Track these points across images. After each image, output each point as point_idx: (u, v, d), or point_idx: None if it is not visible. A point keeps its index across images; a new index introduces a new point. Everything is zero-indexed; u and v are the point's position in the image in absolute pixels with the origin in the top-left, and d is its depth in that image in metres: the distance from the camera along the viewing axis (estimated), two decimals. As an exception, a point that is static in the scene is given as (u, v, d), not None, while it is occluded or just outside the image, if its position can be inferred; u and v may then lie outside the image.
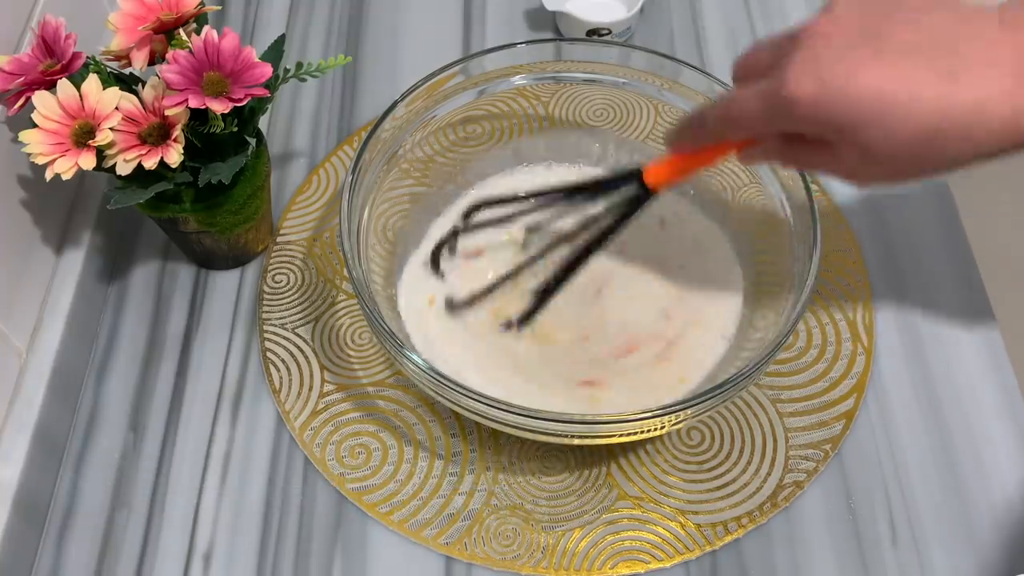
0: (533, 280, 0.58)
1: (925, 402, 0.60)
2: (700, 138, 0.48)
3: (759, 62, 0.44)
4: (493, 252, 0.62)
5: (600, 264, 0.60)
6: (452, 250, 0.61)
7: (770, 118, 0.42)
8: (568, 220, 0.56)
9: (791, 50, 0.41)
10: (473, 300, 0.59)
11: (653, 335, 0.59)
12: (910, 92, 0.39)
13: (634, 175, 0.51)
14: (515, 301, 0.59)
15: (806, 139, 0.43)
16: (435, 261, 0.61)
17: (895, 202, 0.69)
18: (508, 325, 0.58)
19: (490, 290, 0.59)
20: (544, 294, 0.54)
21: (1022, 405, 0.60)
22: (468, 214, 0.59)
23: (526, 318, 0.56)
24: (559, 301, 0.57)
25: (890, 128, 0.39)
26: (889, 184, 0.43)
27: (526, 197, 0.56)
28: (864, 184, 0.44)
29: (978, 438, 0.58)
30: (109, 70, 0.56)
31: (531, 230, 0.60)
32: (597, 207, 0.53)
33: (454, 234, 0.61)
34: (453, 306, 0.59)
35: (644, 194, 0.51)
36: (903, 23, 0.40)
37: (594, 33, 0.76)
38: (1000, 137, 0.39)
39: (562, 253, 0.54)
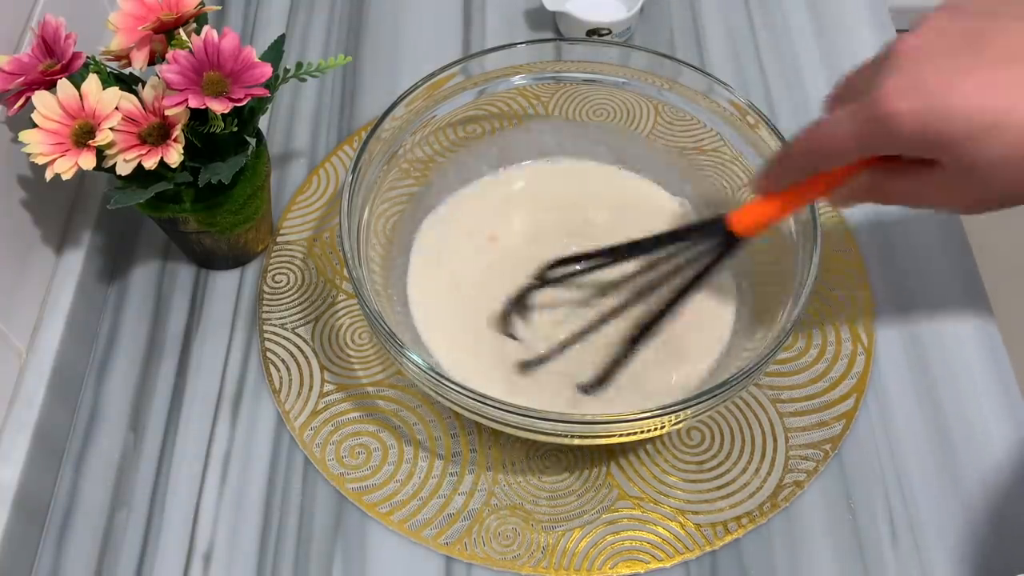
0: (604, 339, 0.55)
1: (925, 402, 0.60)
2: (787, 174, 0.45)
3: (850, 87, 0.42)
4: (567, 309, 0.59)
5: (600, 270, 0.60)
6: (525, 307, 0.58)
7: (865, 140, 0.39)
8: (646, 276, 0.53)
9: (884, 67, 0.39)
10: (544, 359, 0.57)
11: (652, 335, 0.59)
12: (1012, 102, 0.36)
13: (718, 223, 0.48)
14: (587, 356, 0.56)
15: (902, 165, 0.40)
16: (505, 321, 0.58)
17: (895, 202, 0.69)
18: (584, 389, 0.54)
19: (563, 348, 0.56)
20: (626, 351, 0.52)
21: (1022, 405, 0.60)
22: (543, 272, 0.56)
23: (600, 382, 0.53)
24: (560, 300, 0.56)
25: (995, 141, 0.37)
26: (996, 208, 0.40)
27: (601, 253, 0.53)
28: (969, 210, 0.41)
29: (978, 438, 0.58)
30: (109, 70, 0.56)
31: (606, 289, 0.57)
32: (677, 259, 0.51)
33: (527, 290, 0.57)
34: (526, 367, 0.56)
35: (731, 242, 0.48)
36: (1003, 31, 0.38)
37: (594, 33, 0.76)
38: None
39: (639, 309, 0.52)
